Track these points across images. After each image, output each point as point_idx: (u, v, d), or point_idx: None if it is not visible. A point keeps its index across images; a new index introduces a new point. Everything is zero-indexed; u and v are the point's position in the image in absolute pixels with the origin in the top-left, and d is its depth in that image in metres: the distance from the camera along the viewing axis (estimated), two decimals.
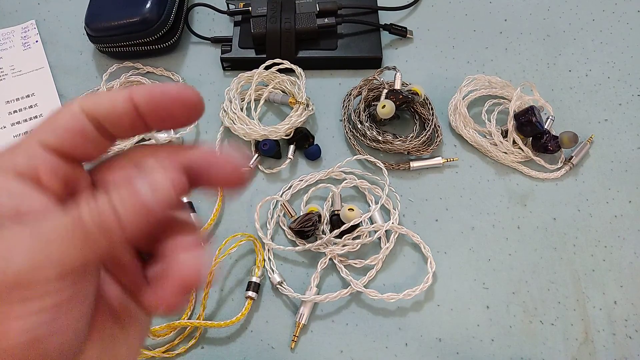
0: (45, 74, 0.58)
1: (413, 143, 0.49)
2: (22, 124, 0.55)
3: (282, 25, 0.54)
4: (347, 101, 0.52)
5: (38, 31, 0.61)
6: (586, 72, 0.55)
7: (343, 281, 0.45)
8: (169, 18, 0.55)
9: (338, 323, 0.43)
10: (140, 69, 0.57)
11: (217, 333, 0.43)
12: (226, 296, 0.45)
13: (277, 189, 0.49)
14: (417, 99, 0.50)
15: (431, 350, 0.42)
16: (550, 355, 0.42)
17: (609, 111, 0.53)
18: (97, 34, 0.55)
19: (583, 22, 0.59)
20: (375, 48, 0.56)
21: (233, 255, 0.46)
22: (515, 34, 0.58)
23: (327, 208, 0.47)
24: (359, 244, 0.45)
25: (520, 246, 0.46)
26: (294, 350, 0.42)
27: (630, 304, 0.43)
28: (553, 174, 0.49)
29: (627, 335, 0.42)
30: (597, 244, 0.46)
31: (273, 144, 0.49)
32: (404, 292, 0.43)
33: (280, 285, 0.44)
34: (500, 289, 0.44)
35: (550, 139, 0.48)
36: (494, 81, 0.52)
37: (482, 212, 0.48)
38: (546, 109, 0.51)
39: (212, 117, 0.54)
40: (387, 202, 0.48)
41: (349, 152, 0.52)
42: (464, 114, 0.51)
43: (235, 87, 0.52)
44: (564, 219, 0.47)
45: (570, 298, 0.44)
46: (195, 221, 0.21)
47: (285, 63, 0.53)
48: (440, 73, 0.56)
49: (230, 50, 0.56)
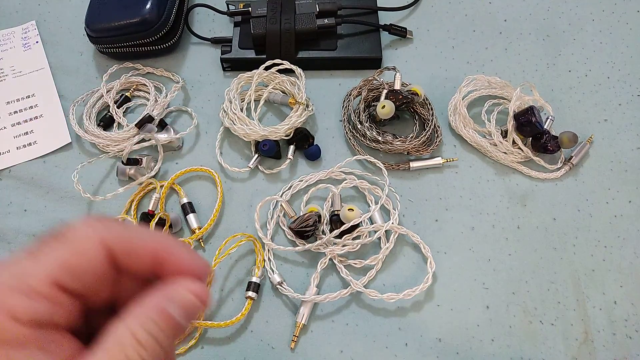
0: (45, 74, 0.58)
1: (413, 143, 0.49)
2: (22, 124, 0.55)
3: (282, 26, 0.54)
4: (347, 101, 0.52)
5: (38, 32, 0.61)
6: (586, 72, 0.55)
7: (343, 281, 0.45)
8: (169, 19, 0.55)
9: (338, 323, 0.43)
10: (141, 70, 0.57)
11: (217, 333, 0.43)
12: (226, 296, 0.45)
13: (277, 189, 0.49)
14: (416, 99, 0.50)
15: (431, 350, 0.42)
16: (550, 355, 0.42)
17: (609, 111, 0.53)
18: (97, 34, 0.55)
19: (583, 22, 0.59)
20: (375, 48, 0.56)
21: (233, 255, 0.46)
22: (515, 34, 0.58)
23: (327, 208, 0.47)
24: (358, 244, 0.45)
25: (520, 246, 0.46)
26: (294, 350, 0.42)
27: (630, 304, 0.43)
28: (553, 174, 0.49)
29: (627, 335, 0.42)
30: (597, 244, 0.46)
31: (273, 144, 0.49)
32: (404, 292, 0.43)
33: (280, 285, 0.44)
34: (500, 289, 0.44)
35: (550, 139, 0.48)
36: (494, 81, 0.52)
37: (482, 212, 0.48)
38: (546, 109, 0.51)
39: (212, 118, 0.54)
40: (387, 202, 0.48)
41: (349, 153, 0.52)
42: (463, 114, 0.51)
43: (235, 88, 0.52)
44: (564, 219, 0.47)
45: (570, 298, 0.44)
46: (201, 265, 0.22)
47: (285, 63, 0.53)
48: (440, 73, 0.56)
49: (230, 51, 0.56)
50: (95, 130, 0.52)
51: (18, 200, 0.50)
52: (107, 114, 0.54)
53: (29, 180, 0.51)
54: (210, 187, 0.50)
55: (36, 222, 0.49)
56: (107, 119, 0.53)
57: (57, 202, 0.50)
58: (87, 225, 0.20)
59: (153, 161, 0.51)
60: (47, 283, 0.19)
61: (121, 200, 0.49)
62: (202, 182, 0.51)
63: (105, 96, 0.54)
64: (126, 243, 0.20)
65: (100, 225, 0.20)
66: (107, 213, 0.49)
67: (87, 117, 0.53)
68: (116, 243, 0.20)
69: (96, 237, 0.20)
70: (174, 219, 0.47)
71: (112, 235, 0.20)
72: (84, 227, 0.20)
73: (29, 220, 0.49)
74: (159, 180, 0.49)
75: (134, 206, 0.49)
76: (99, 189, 0.51)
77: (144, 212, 0.47)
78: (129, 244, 0.20)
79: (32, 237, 0.48)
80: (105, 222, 0.20)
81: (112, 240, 0.20)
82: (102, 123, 0.53)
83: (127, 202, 0.49)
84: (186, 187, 0.50)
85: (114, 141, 0.51)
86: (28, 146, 0.53)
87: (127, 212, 0.49)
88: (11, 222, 0.49)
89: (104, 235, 0.20)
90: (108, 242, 0.20)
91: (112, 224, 0.20)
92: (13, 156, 0.53)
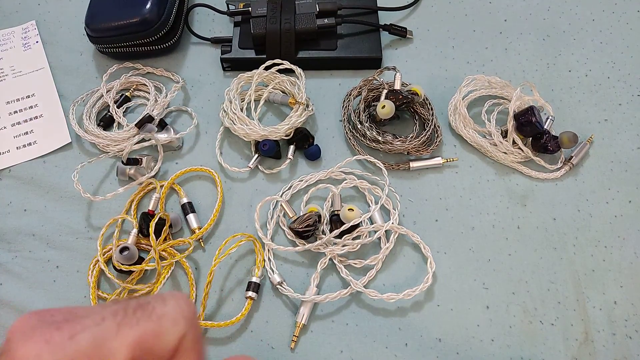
0: (45, 74, 0.58)
1: (413, 143, 0.49)
2: (22, 124, 0.55)
3: (282, 26, 0.54)
4: (347, 101, 0.52)
5: (38, 32, 0.61)
6: (586, 72, 0.55)
7: (343, 281, 0.45)
8: (169, 18, 0.55)
9: (338, 323, 0.43)
10: (141, 70, 0.57)
11: (217, 333, 0.43)
12: (226, 296, 0.45)
13: (277, 189, 0.49)
14: (416, 99, 0.50)
15: (431, 350, 0.42)
16: (550, 355, 0.42)
17: (609, 111, 0.53)
18: (97, 34, 0.55)
19: (583, 22, 0.59)
20: (375, 48, 0.56)
21: (233, 255, 0.46)
22: (515, 34, 0.58)
23: (327, 208, 0.47)
24: (358, 244, 0.45)
25: (520, 246, 0.46)
26: (294, 350, 0.42)
27: (630, 304, 0.43)
28: (553, 174, 0.49)
29: (627, 335, 0.42)
30: (597, 244, 0.46)
31: (273, 144, 0.49)
32: (404, 292, 0.43)
33: (280, 285, 0.44)
34: (500, 289, 0.44)
35: (550, 139, 0.48)
36: (494, 81, 0.52)
37: (482, 212, 0.48)
38: (546, 109, 0.51)
39: (212, 118, 0.54)
40: (387, 202, 0.48)
41: (349, 152, 0.52)
42: (463, 114, 0.51)
43: (235, 88, 0.52)
44: (564, 219, 0.47)
45: (570, 298, 0.44)
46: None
47: (285, 63, 0.53)
48: (440, 73, 0.56)
49: (230, 51, 0.56)
50: (95, 130, 0.52)
51: (18, 200, 0.50)
52: (107, 114, 0.54)
53: (29, 180, 0.51)
54: (210, 187, 0.50)
55: (36, 222, 0.49)
56: (107, 119, 0.53)
57: (57, 202, 0.50)
58: (177, 306, 0.19)
59: (153, 161, 0.51)
60: (127, 358, 0.18)
61: (121, 200, 0.49)
62: (202, 182, 0.51)
63: (105, 96, 0.54)
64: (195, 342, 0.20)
65: (188, 310, 0.20)
66: (107, 213, 0.49)
67: (87, 117, 0.53)
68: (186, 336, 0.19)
69: (182, 322, 0.19)
70: (174, 219, 0.47)
71: (190, 325, 0.19)
72: (174, 306, 0.19)
73: (29, 220, 0.49)
74: (159, 180, 0.49)
75: (134, 206, 0.49)
76: (99, 189, 0.51)
77: (144, 212, 0.47)
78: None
79: (32, 237, 0.48)
80: (192, 307, 0.20)
81: (185, 331, 0.19)
82: (102, 123, 0.53)
83: (127, 202, 0.49)
84: (186, 187, 0.50)
85: (114, 141, 0.51)
86: (28, 146, 0.53)
87: (127, 212, 0.49)
88: (11, 222, 0.49)
89: (187, 322, 0.19)
90: (184, 331, 0.19)
91: (194, 312, 0.20)
92: (13, 156, 0.53)
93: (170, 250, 0.46)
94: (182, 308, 0.20)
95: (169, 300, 0.20)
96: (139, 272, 0.45)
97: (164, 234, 0.45)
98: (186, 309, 0.20)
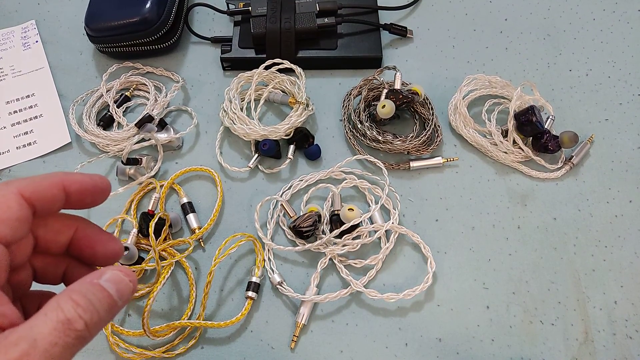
0: (45, 74, 0.58)
1: (413, 143, 0.49)
2: (22, 124, 0.55)
3: (282, 25, 0.54)
4: (347, 101, 0.52)
5: (38, 31, 0.61)
6: (586, 71, 0.55)
7: (343, 281, 0.45)
8: (169, 18, 0.55)
9: (338, 323, 0.43)
10: (140, 69, 0.57)
11: (217, 333, 0.43)
12: (226, 296, 0.45)
13: (277, 189, 0.49)
14: (417, 98, 0.50)
15: (431, 350, 0.42)
16: (550, 355, 0.42)
17: (610, 111, 0.53)
18: (97, 34, 0.55)
19: (583, 22, 0.59)
20: (375, 48, 0.56)
21: (233, 255, 0.46)
22: (516, 33, 0.58)
23: (327, 208, 0.47)
24: (359, 244, 0.45)
25: (520, 246, 0.46)
26: (294, 350, 0.42)
27: (630, 304, 0.43)
28: (553, 174, 0.49)
29: (627, 336, 0.42)
30: (598, 244, 0.46)
31: (273, 144, 0.49)
32: (404, 292, 0.42)
33: (280, 285, 0.44)
34: (500, 289, 0.44)
35: (550, 139, 0.48)
36: (494, 81, 0.52)
37: (482, 212, 0.48)
38: (546, 108, 0.51)
39: (212, 117, 0.54)
40: (387, 202, 0.48)
41: (349, 152, 0.52)
42: (464, 114, 0.51)
43: (235, 87, 0.52)
44: (564, 218, 0.47)
45: (570, 298, 0.44)
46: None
47: (285, 63, 0.53)
48: (440, 73, 0.56)
49: (230, 50, 0.56)
50: (95, 129, 0.52)
51: None
52: (107, 114, 0.54)
53: None
54: (210, 186, 0.50)
55: None
56: (107, 119, 0.53)
57: None
58: (2, 184, 0.23)
59: (153, 161, 0.51)
60: (20, 201, 0.22)
61: (121, 200, 0.49)
62: (202, 181, 0.51)
63: (105, 96, 0.54)
64: (36, 184, 0.23)
65: (14, 181, 0.23)
66: (107, 213, 0.49)
67: (87, 116, 0.53)
68: (27, 188, 0.23)
69: (13, 188, 0.22)
70: (174, 219, 0.47)
71: (24, 184, 0.23)
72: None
73: None
74: (158, 180, 0.49)
75: (133, 206, 0.49)
76: None
77: (144, 212, 0.47)
78: (38, 184, 0.23)
79: None
80: (18, 180, 0.23)
81: (24, 188, 0.22)
82: (102, 123, 0.53)
83: (127, 202, 0.49)
84: (186, 187, 0.50)
85: (113, 141, 0.51)
86: (28, 146, 0.53)
87: (127, 212, 0.49)
88: None
89: (18, 185, 0.22)
90: (21, 189, 0.22)
91: (23, 179, 0.23)
92: (13, 156, 0.53)
93: (170, 250, 0.46)
94: (4, 182, 0.23)
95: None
96: (139, 272, 0.45)
97: (164, 234, 0.45)
98: (9, 181, 0.23)
